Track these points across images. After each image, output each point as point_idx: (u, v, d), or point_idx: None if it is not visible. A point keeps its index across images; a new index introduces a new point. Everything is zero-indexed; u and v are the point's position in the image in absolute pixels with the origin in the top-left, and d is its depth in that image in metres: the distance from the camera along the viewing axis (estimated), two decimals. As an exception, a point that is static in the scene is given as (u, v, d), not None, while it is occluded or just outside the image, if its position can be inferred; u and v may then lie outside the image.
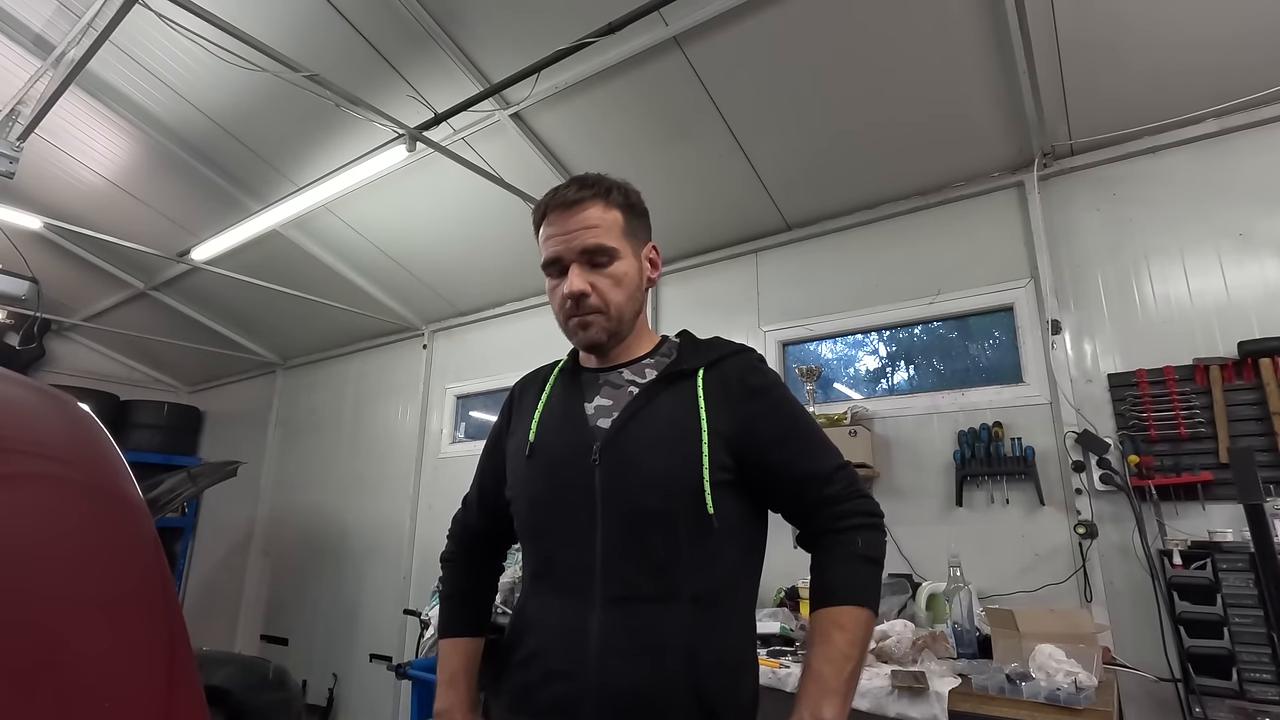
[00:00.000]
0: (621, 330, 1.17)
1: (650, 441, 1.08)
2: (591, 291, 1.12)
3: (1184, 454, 2.43)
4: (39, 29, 3.14)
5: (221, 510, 6.43)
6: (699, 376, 1.13)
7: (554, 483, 1.12)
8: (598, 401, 1.16)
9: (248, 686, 3.51)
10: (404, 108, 3.01)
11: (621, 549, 1.04)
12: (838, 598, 1.05)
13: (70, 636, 0.64)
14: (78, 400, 0.92)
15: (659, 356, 1.21)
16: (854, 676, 1.00)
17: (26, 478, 0.75)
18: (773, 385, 1.17)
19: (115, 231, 4.17)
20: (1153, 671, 2.27)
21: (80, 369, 6.64)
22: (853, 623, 1.02)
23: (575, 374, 1.23)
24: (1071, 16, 2.38)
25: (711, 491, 1.04)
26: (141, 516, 0.86)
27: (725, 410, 1.10)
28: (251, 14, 2.80)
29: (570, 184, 1.17)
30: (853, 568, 1.07)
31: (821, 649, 1.01)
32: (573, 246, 1.13)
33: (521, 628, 1.11)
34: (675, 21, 2.62)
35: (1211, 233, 2.55)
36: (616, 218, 1.17)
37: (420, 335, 5.18)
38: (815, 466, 1.11)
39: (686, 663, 1.00)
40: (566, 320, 1.16)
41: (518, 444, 1.19)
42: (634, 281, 1.17)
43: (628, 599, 1.03)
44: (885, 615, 2.56)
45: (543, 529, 1.13)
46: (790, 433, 1.13)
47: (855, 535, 1.08)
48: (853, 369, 3.45)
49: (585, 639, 1.02)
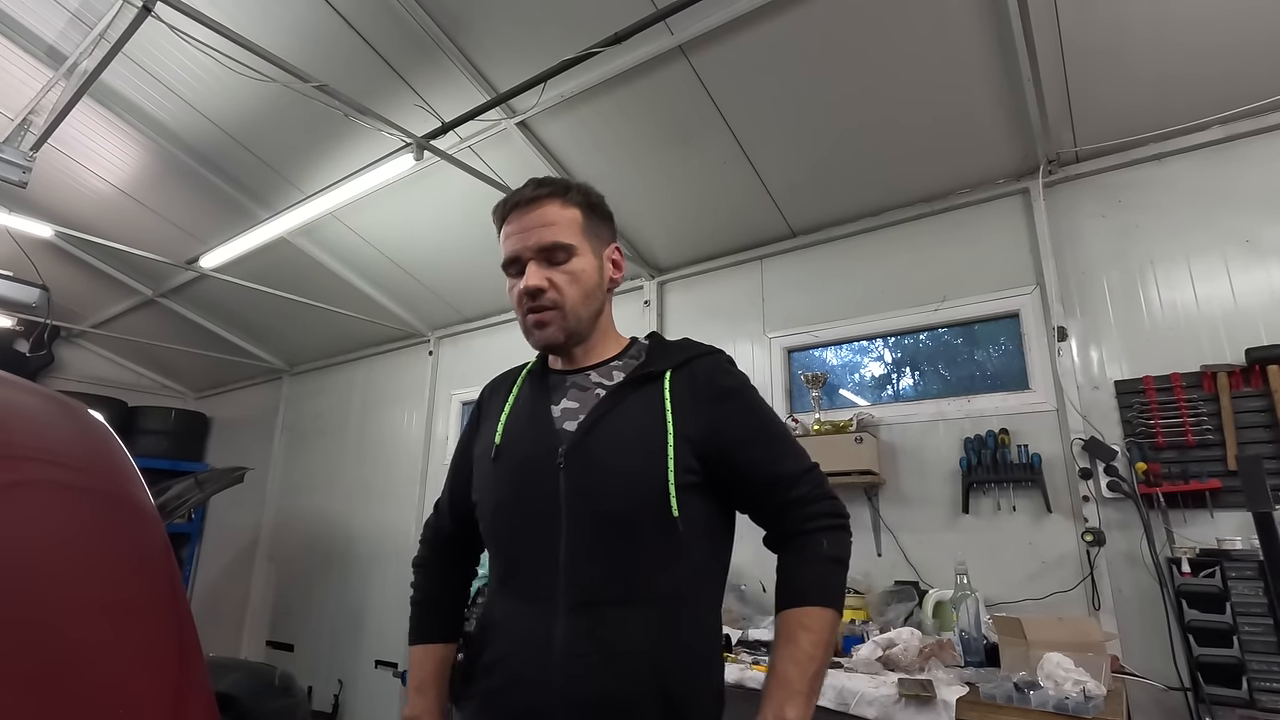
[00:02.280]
0: (580, 330, 1.16)
1: (616, 444, 1.08)
2: (548, 286, 1.12)
3: (1192, 461, 2.42)
4: (52, 40, 3.18)
5: (228, 516, 6.45)
6: (666, 379, 1.13)
7: (519, 486, 1.11)
8: (564, 404, 1.16)
9: (253, 692, 3.51)
10: (411, 117, 3.04)
11: (586, 553, 1.04)
12: (804, 599, 1.05)
13: (83, 642, 0.65)
14: (88, 407, 0.93)
15: (627, 359, 1.21)
16: (818, 677, 1.01)
17: (39, 484, 0.76)
18: (742, 387, 1.18)
19: (125, 239, 4.21)
20: (1162, 680, 2.25)
21: (89, 375, 6.67)
22: (818, 624, 1.03)
23: (543, 376, 1.23)
24: (1076, 23, 2.38)
25: (677, 494, 1.04)
26: (153, 523, 0.86)
27: (693, 412, 1.10)
28: (261, 25, 2.83)
29: (528, 184, 1.18)
30: (819, 569, 1.08)
31: (787, 650, 1.02)
32: (529, 244, 1.13)
33: (487, 632, 1.11)
34: (681, 30, 2.64)
35: (1218, 239, 2.55)
36: (575, 215, 1.16)
37: (426, 342, 5.20)
38: (782, 468, 1.12)
39: (652, 666, 1.00)
40: (524, 317, 1.16)
41: (484, 447, 1.19)
42: (592, 280, 1.17)
43: (592, 603, 1.02)
44: (891, 623, 2.56)
45: (507, 532, 1.12)
46: (758, 435, 1.13)
47: (821, 536, 1.09)
48: (858, 375, 3.44)
49: (550, 645, 1.01)
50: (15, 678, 0.54)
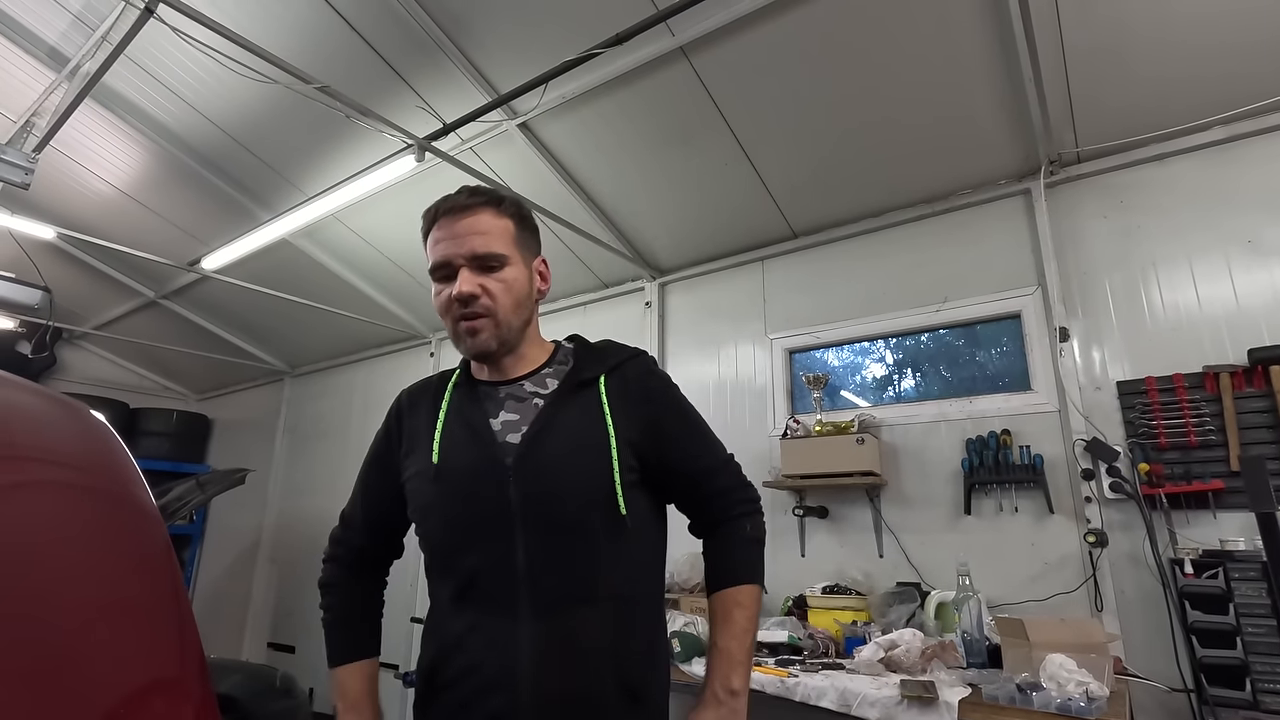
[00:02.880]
0: (510, 339, 1.17)
1: (562, 451, 1.11)
2: (481, 293, 1.12)
3: (1194, 462, 2.42)
4: (54, 42, 3.19)
5: (229, 517, 6.45)
6: (601, 383, 1.17)
7: (467, 502, 1.11)
8: (504, 416, 1.16)
9: (255, 694, 3.51)
10: (413, 118, 3.04)
11: (543, 558, 1.07)
12: (735, 578, 1.18)
13: (84, 640, 0.65)
14: (91, 409, 0.93)
15: (556, 365, 1.23)
16: (752, 646, 1.16)
17: (42, 484, 0.76)
18: (667, 387, 1.25)
19: (127, 241, 4.21)
20: (1165, 682, 2.25)
21: (91, 377, 6.68)
22: (749, 600, 1.17)
23: (472, 387, 1.22)
24: (1077, 24, 2.38)
25: (623, 492, 1.09)
26: (154, 523, 0.87)
27: (627, 413, 1.15)
28: (263, 26, 2.83)
29: (460, 192, 1.19)
30: (746, 551, 1.21)
31: (725, 627, 1.15)
32: (463, 251, 1.13)
33: (448, 647, 1.10)
34: (682, 32, 2.64)
35: (1220, 240, 2.54)
36: (507, 225, 1.17)
37: (428, 343, 5.20)
38: (706, 463, 1.22)
39: (614, 661, 1.06)
40: (455, 325, 1.15)
41: (420, 465, 1.17)
42: (523, 289, 1.17)
43: (554, 606, 1.06)
44: (894, 624, 2.55)
45: (460, 547, 1.12)
46: (684, 432, 1.22)
47: (744, 521, 1.22)
48: (859, 376, 3.44)
49: (516, 651, 1.04)
50: (16, 674, 0.54)
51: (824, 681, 2.04)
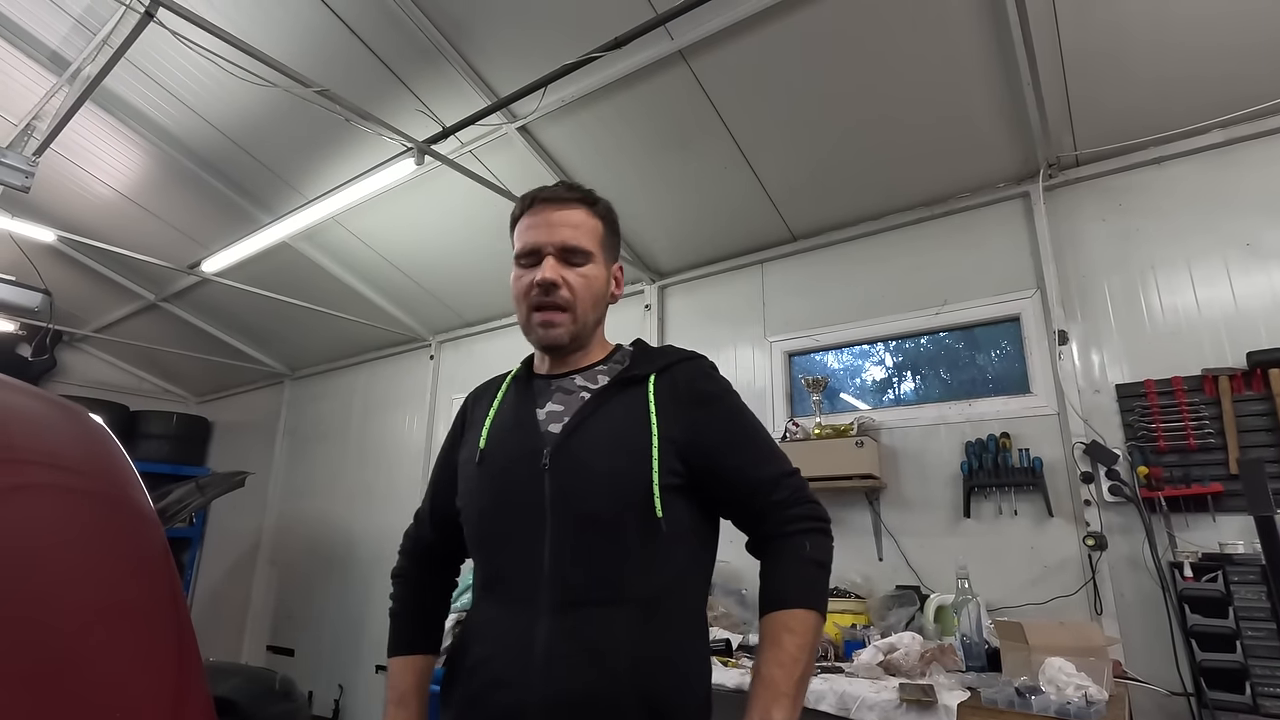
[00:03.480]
0: (582, 336, 1.18)
1: (601, 446, 1.08)
2: (562, 284, 1.13)
3: (1193, 465, 2.42)
4: (55, 45, 3.20)
5: (229, 520, 6.45)
6: (650, 382, 1.14)
7: (503, 489, 1.11)
8: (549, 407, 1.16)
9: (254, 697, 3.50)
10: (412, 121, 3.05)
11: (570, 554, 1.04)
12: (787, 601, 1.04)
13: (81, 643, 0.65)
14: (89, 411, 0.93)
15: (611, 363, 1.22)
16: (804, 680, 1.00)
17: (40, 487, 0.76)
18: (724, 392, 1.18)
19: (127, 244, 4.22)
20: (1164, 685, 2.24)
21: (90, 380, 6.69)
22: (802, 626, 1.02)
23: (528, 381, 1.23)
24: (1075, 27, 2.39)
25: (661, 495, 1.04)
26: (152, 527, 0.87)
27: (676, 416, 1.10)
28: (263, 30, 2.84)
29: (559, 184, 1.22)
30: (802, 572, 1.07)
31: (771, 653, 1.00)
32: (554, 239, 1.14)
33: (469, 637, 1.10)
34: (680, 36, 2.65)
35: (1219, 243, 2.55)
36: (597, 226, 1.20)
37: (427, 346, 5.20)
38: (764, 473, 1.12)
39: (632, 667, 0.99)
40: (530, 312, 1.16)
41: (469, 452, 1.19)
42: (601, 289, 1.20)
43: (575, 604, 1.02)
44: (893, 627, 2.55)
45: (491, 536, 1.12)
46: (740, 440, 1.14)
47: (804, 539, 1.08)
48: (859, 379, 3.44)
49: (531, 646, 1.01)
50: (13, 677, 0.54)
51: (823, 685, 2.03)
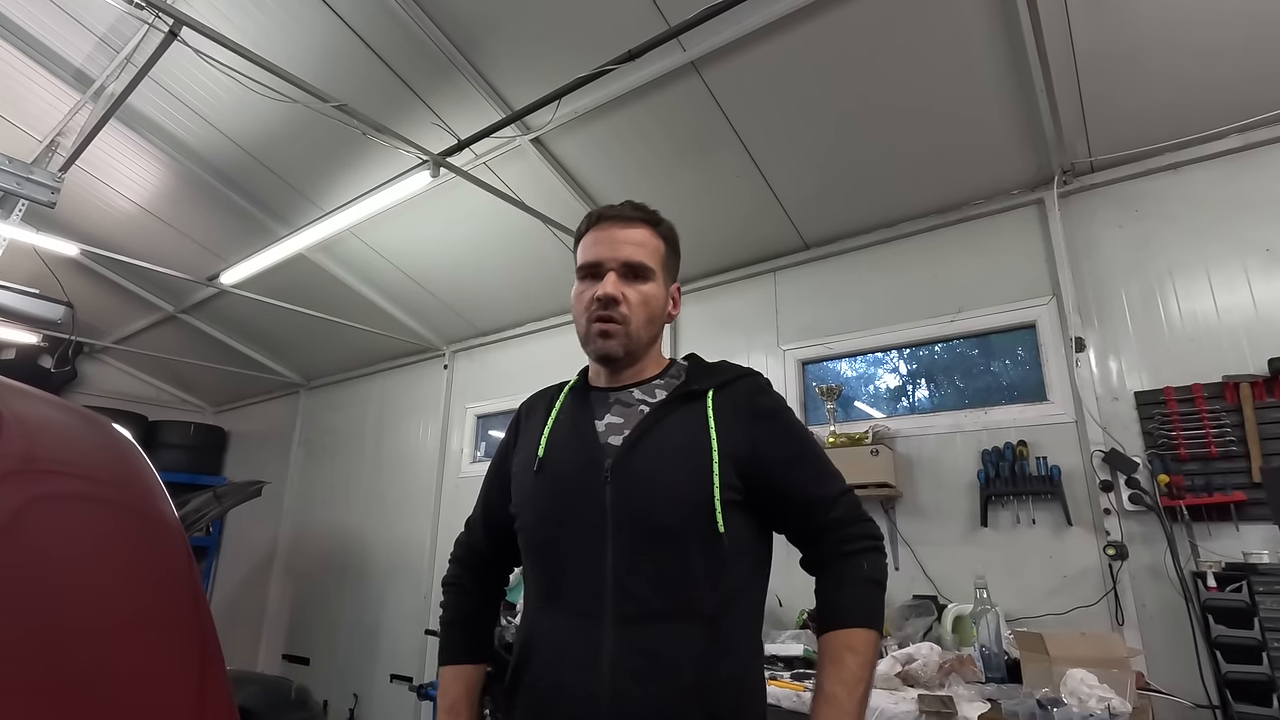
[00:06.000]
0: (636, 351, 1.19)
1: (662, 459, 1.09)
2: (622, 299, 1.15)
3: (1215, 473, 2.38)
4: (79, 64, 3.27)
5: (245, 529, 6.50)
6: (709, 397, 1.15)
7: (564, 499, 1.11)
8: (609, 419, 1.17)
9: (270, 706, 3.52)
10: (428, 134, 3.09)
11: (633, 566, 1.04)
12: (848, 620, 1.06)
13: (106, 654, 0.66)
14: (113, 422, 0.95)
15: (668, 378, 1.23)
16: (865, 698, 1.01)
17: (65, 498, 0.77)
18: (781, 408, 1.20)
19: (147, 257, 4.29)
20: (1189, 697, 2.21)
21: (110, 390, 6.79)
22: (863, 645, 1.04)
23: (585, 392, 1.24)
24: (1088, 33, 2.38)
25: (722, 510, 1.05)
26: (176, 537, 0.88)
27: (734, 431, 1.11)
28: (282, 47, 2.89)
29: (625, 204, 1.26)
30: (861, 591, 1.09)
31: (833, 671, 1.02)
32: (617, 255, 1.18)
33: (531, 648, 1.10)
34: (693, 47, 2.67)
35: (1238, 249, 2.52)
36: (659, 246, 1.23)
37: (441, 355, 5.24)
38: (821, 491, 1.13)
39: (700, 683, 1.00)
40: (589, 324, 1.17)
41: (525, 460, 1.19)
42: (659, 307, 1.21)
43: (639, 617, 1.02)
44: (910, 637, 2.53)
45: (551, 546, 1.12)
46: (797, 456, 1.15)
47: (862, 559, 1.10)
48: (873, 387, 3.43)
49: (598, 659, 1.01)
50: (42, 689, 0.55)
51: (840, 696, 2.01)
